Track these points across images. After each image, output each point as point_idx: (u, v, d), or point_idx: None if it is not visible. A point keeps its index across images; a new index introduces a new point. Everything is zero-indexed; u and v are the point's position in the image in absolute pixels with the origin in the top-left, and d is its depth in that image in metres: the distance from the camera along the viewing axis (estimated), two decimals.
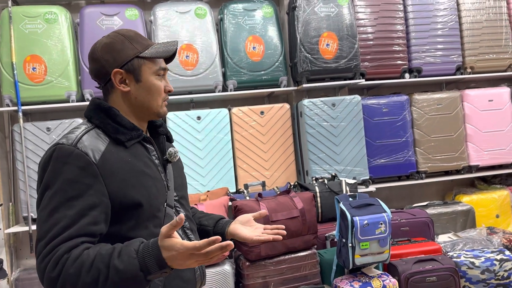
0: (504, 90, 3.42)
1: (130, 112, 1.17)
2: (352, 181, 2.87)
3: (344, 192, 2.78)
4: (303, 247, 2.44)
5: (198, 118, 2.88)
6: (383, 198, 2.89)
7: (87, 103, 2.75)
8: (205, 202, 2.51)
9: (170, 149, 1.21)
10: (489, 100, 3.36)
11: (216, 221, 1.36)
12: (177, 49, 1.20)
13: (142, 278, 0.93)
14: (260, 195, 2.50)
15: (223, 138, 2.91)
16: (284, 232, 1.28)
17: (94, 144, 1.07)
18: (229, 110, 2.99)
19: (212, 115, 2.90)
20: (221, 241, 0.90)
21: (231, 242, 0.89)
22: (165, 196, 1.16)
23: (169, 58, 1.24)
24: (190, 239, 1.20)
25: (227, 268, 2.41)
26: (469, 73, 3.38)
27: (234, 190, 2.92)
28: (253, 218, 1.32)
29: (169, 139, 1.30)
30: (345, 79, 3.12)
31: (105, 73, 1.15)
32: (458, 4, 3.38)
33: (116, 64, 1.13)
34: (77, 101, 2.80)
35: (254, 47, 3.02)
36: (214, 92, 2.97)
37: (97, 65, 1.16)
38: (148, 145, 1.18)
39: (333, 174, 2.93)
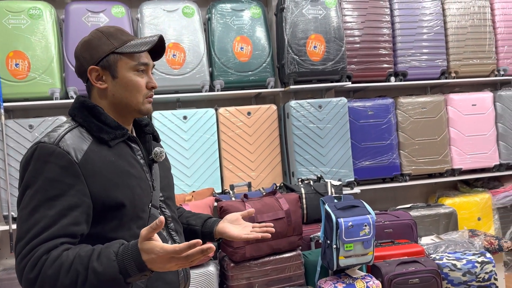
0: (487, 95, 3.48)
1: (111, 110, 1.15)
2: (337, 183, 2.89)
3: (329, 193, 2.79)
4: (288, 248, 2.45)
5: (184, 117, 2.86)
6: (367, 200, 2.91)
7: (71, 100, 2.73)
8: (190, 202, 2.49)
9: (156, 148, 1.19)
10: (473, 105, 3.41)
11: (204, 220, 1.35)
12: (159, 41, 1.16)
13: (122, 280, 0.91)
14: (246, 196, 2.49)
15: (210, 138, 2.90)
16: (273, 229, 1.28)
17: (77, 143, 1.05)
18: (216, 110, 2.97)
19: (199, 115, 2.89)
20: (204, 243, 0.89)
21: (212, 245, 0.88)
22: (150, 196, 1.14)
23: (157, 55, 1.22)
24: (175, 241, 1.19)
25: (212, 269, 2.40)
26: (453, 78, 3.44)
27: (220, 191, 2.90)
28: (241, 217, 1.32)
29: (156, 139, 1.29)
30: (331, 81, 3.14)
31: (84, 70, 1.14)
32: (443, 10, 3.43)
33: (92, 61, 1.12)
34: (60, 99, 2.76)
35: (241, 48, 3.02)
36: (201, 91, 2.95)
37: (77, 63, 1.16)
38: (133, 145, 1.16)
39: (319, 175, 2.95)
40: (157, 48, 1.20)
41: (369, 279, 2.32)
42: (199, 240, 0.88)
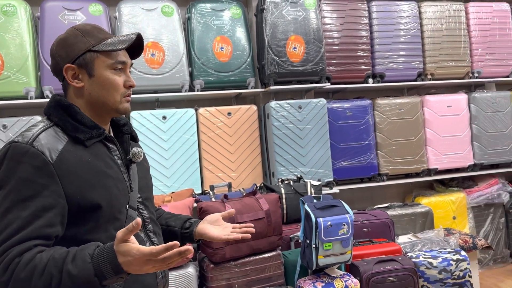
0: (462, 96, 3.57)
1: (87, 109, 1.13)
2: (317, 183, 2.91)
3: (309, 193, 2.81)
4: (268, 248, 2.45)
5: (164, 117, 2.84)
6: (346, 199, 2.94)
7: (47, 100, 2.67)
8: (169, 203, 2.46)
9: (134, 149, 1.18)
10: (448, 106, 3.50)
11: (184, 221, 1.34)
12: (137, 39, 1.14)
13: (97, 283, 0.90)
14: (226, 196, 2.48)
15: (189, 139, 2.88)
16: (253, 230, 1.28)
17: (52, 142, 1.03)
18: (196, 110, 2.96)
19: (178, 115, 2.86)
20: (183, 244, 0.88)
21: (190, 247, 0.87)
22: (128, 197, 1.13)
23: (136, 53, 1.21)
24: (153, 242, 1.17)
25: (191, 270, 2.38)
26: (430, 80, 3.51)
27: (200, 192, 2.89)
28: (222, 218, 1.31)
29: (134, 139, 1.27)
30: (311, 83, 3.17)
31: (59, 69, 1.12)
32: (420, 13, 3.50)
33: (68, 59, 1.10)
34: (36, 98, 2.69)
35: (222, 48, 3.01)
36: (181, 91, 2.93)
37: (53, 61, 1.14)
38: (110, 145, 1.14)
39: (299, 175, 2.97)
40: (135, 47, 1.18)
41: (348, 278, 2.35)
42: (177, 242, 0.87)
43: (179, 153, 2.84)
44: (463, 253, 2.63)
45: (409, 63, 3.42)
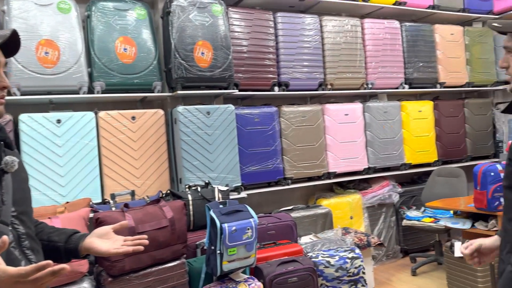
0: (357, 105, 3.86)
1: None
2: (225, 188, 2.92)
3: (217, 199, 2.81)
4: (171, 257, 2.39)
5: (58, 121, 2.63)
6: (254, 203, 3.01)
7: None
8: (61, 214, 2.28)
9: (6, 157, 1.06)
10: (345, 114, 3.76)
11: (68, 236, 1.23)
12: (12, 37, 1.04)
13: None
14: (126, 205, 2.37)
15: (88, 144, 2.70)
16: (147, 242, 1.22)
17: None
18: (96, 113, 2.79)
19: (75, 119, 2.67)
20: (69, 260, 0.81)
21: (65, 266, 0.81)
22: None
23: (11, 51, 1.09)
24: (30, 260, 1.06)
25: (86, 286, 2.21)
26: (329, 89, 3.74)
27: (100, 201, 2.72)
28: (113, 230, 1.24)
29: (9, 146, 1.14)
30: (220, 88, 3.18)
31: None
32: (321, 26, 3.71)
33: None
34: None
35: (125, 49, 2.89)
36: (78, 93, 2.74)
37: None
38: None
39: (207, 181, 2.95)
40: (12, 44, 1.07)
41: (252, 281, 2.39)
42: (49, 262, 0.79)
43: (76, 159, 2.65)
44: (357, 251, 2.83)
45: (311, 73, 3.61)
